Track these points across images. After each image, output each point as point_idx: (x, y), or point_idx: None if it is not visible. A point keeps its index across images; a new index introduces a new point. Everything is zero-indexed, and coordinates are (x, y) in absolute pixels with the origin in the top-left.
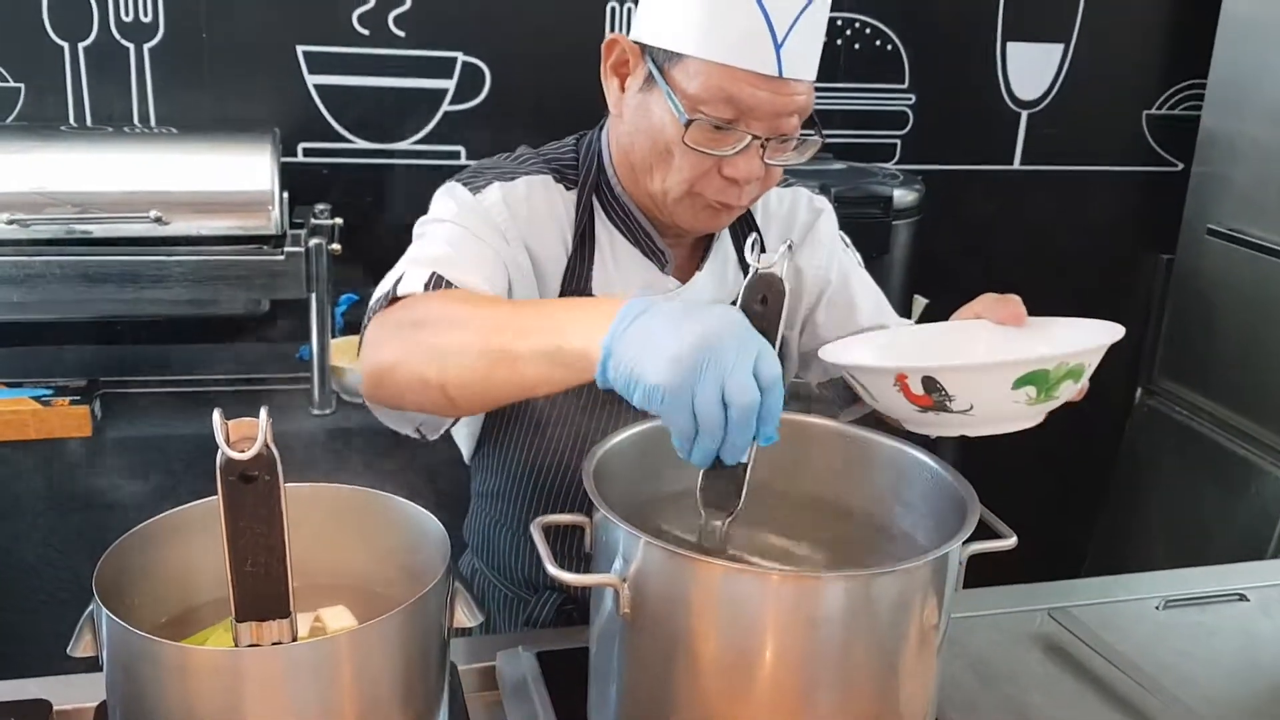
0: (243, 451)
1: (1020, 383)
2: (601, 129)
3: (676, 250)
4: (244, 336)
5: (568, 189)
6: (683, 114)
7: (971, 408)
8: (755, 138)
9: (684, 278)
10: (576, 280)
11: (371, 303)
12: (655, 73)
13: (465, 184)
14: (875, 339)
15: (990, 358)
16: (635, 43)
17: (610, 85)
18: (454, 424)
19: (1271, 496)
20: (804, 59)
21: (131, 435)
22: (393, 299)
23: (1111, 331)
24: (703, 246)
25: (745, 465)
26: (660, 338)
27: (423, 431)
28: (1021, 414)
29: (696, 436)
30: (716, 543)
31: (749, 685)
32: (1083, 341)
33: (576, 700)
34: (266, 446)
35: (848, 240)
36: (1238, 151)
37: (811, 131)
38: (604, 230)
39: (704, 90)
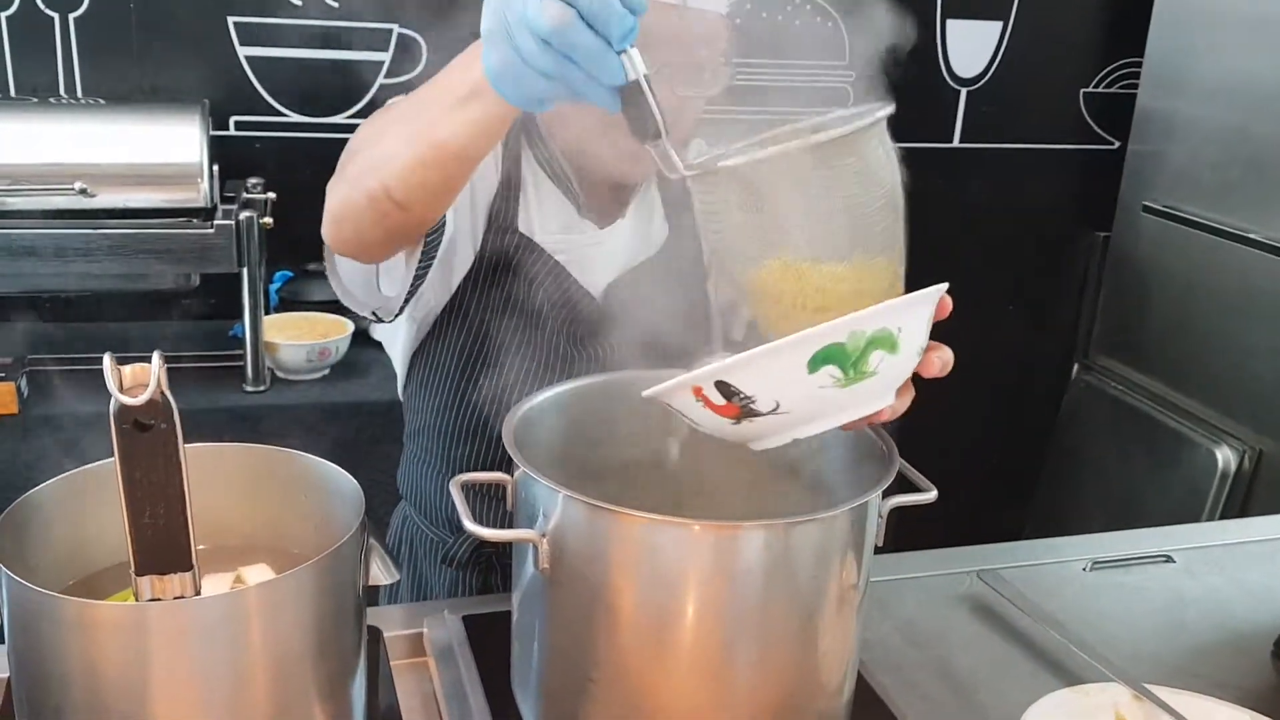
0: (136, 397)
1: (815, 364)
2: None
3: (595, 195)
4: (175, 313)
5: None
6: None
7: (777, 406)
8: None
9: (606, 223)
10: (502, 216)
11: None
12: None
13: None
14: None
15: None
16: None
17: None
18: (405, 306)
19: (1203, 469)
20: None
21: (59, 413)
22: None
23: (924, 295)
24: (627, 193)
25: (636, 81)
26: (486, 19)
27: (378, 314)
28: (842, 402)
29: (566, 85)
30: (671, 166)
31: (668, 638)
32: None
33: (502, 662)
34: (161, 393)
35: None
36: (1173, 130)
37: (724, 65)
38: (529, 170)
39: None
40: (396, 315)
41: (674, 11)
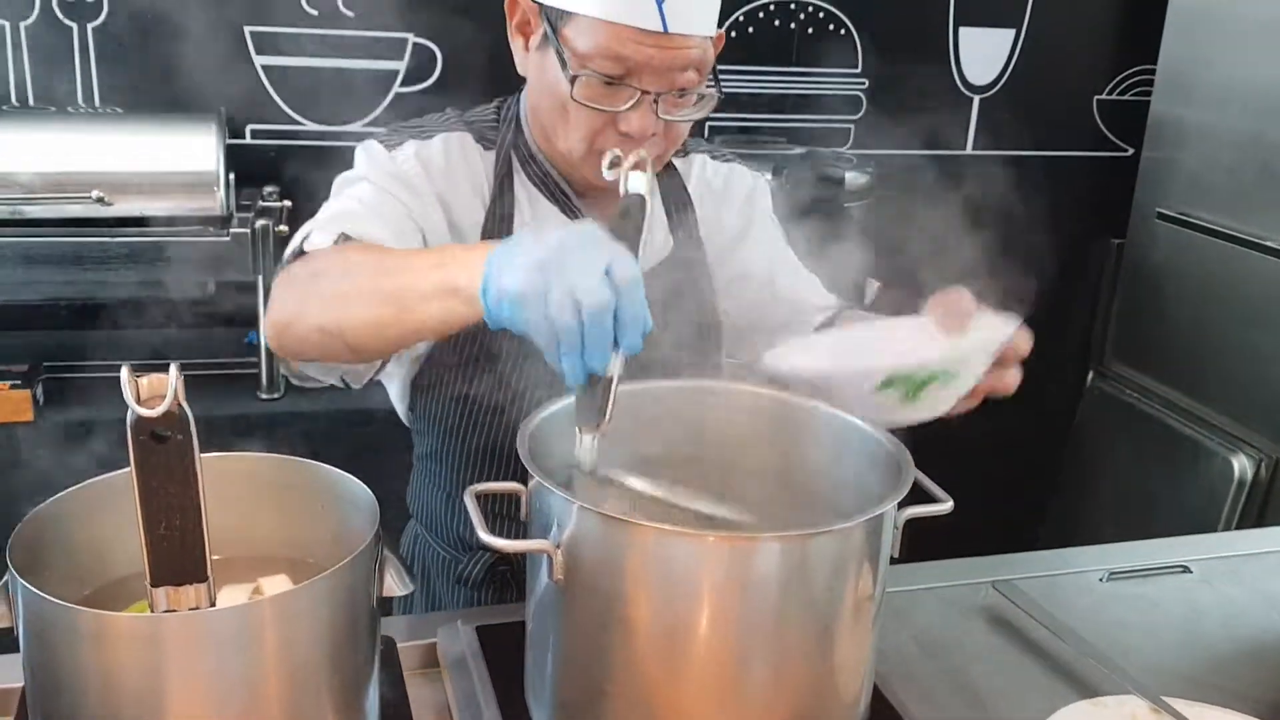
0: (153, 409)
1: (885, 386)
2: (522, 92)
3: (596, 209)
4: (191, 320)
5: (486, 149)
6: (567, 69)
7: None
8: (645, 93)
9: None
10: (496, 238)
11: (283, 257)
12: (549, 31)
13: (382, 142)
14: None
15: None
16: (534, 1)
17: (516, 46)
18: (377, 373)
19: (1219, 476)
20: (692, 14)
21: (75, 420)
22: (299, 255)
23: (989, 342)
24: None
25: (611, 379)
26: (523, 251)
27: (346, 381)
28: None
29: (560, 345)
30: (588, 459)
31: (683, 649)
32: (958, 350)
33: (516, 672)
34: (178, 404)
35: (774, 221)
36: (1187, 136)
37: (711, 86)
38: (522, 189)
39: (591, 47)
40: (366, 381)
41: (656, 39)
